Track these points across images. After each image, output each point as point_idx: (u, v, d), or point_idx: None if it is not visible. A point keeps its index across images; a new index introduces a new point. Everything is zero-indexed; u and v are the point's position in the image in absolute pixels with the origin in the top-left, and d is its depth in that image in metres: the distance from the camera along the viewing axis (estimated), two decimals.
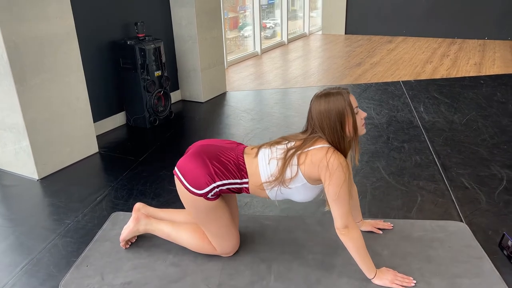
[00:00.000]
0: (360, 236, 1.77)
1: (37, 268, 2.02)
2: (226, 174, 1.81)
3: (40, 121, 2.86)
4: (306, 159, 1.73)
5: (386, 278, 1.82)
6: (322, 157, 1.69)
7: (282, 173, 1.76)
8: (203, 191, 1.81)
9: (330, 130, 1.73)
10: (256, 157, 1.84)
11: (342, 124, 1.72)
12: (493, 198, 2.52)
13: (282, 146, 1.82)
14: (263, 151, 1.85)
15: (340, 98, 1.72)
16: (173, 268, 1.99)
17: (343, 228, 1.75)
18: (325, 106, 1.73)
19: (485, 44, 7.61)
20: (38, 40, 2.77)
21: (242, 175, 1.83)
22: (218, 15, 4.61)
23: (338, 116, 1.71)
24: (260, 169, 1.81)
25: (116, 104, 3.88)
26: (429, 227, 2.24)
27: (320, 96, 1.76)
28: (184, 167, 1.85)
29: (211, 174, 1.80)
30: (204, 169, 1.81)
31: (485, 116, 3.92)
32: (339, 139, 1.74)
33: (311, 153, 1.73)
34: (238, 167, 1.83)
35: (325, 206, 1.83)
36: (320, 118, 1.74)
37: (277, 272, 1.94)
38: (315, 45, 8.10)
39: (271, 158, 1.81)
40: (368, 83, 5.19)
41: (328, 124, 1.73)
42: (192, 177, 1.81)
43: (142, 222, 2.09)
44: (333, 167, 1.67)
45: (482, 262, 1.96)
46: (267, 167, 1.81)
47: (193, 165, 1.83)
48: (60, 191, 2.75)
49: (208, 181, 1.80)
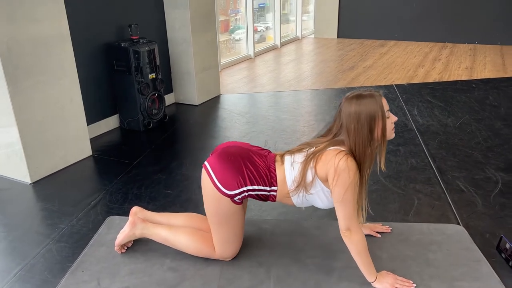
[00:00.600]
0: (363, 239, 1.76)
1: (31, 274, 1.98)
2: (258, 180, 1.80)
3: (33, 123, 2.82)
4: (319, 160, 1.72)
5: (387, 281, 1.82)
6: (332, 157, 1.68)
7: (303, 177, 1.75)
8: (232, 192, 1.79)
9: (356, 132, 1.69)
10: (283, 165, 1.83)
11: (371, 127, 1.69)
12: (489, 201, 2.53)
13: (303, 153, 1.81)
14: (287, 158, 1.85)
15: (372, 101, 1.69)
16: (171, 273, 1.96)
17: (345, 230, 1.74)
18: (356, 108, 1.68)
19: (476, 48, 7.71)
20: (31, 41, 2.73)
21: (272, 183, 1.81)
22: (212, 18, 4.60)
23: (368, 119, 1.68)
24: (287, 176, 1.81)
25: (109, 107, 3.84)
26: (426, 230, 2.24)
27: (351, 98, 1.72)
28: (217, 164, 1.82)
29: (243, 177, 1.78)
30: (238, 171, 1.79)
31: (478, 120, 3.95)
32: (364, 142, 1.70)
33: (325, 153, 1.72)
34: (269, 174, 1.82)
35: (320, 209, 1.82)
36: (349, 120, 1.70)
37: (276, 276, 1.92)
38: (308, 49, 8.13)
39: (293, 162, 1.80)
40: (362, 86, 5.21)
41: (355, 126, 1.68)
42: (224, 176, 1.79)
43: (139, 226, 2.05)
44: (340, 169, 1.66)
45: (481, 265, 1.96)
46: (292, 172, 1.80)
47: (227, 164, 1.81)
48: (54, 195, 2.70)
49: (239, 184, 1.78)
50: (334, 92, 5.02)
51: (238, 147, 1.92)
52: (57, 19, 2.87)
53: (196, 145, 3.52)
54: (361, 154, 1.71)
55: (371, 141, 1.71)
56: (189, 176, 2.93)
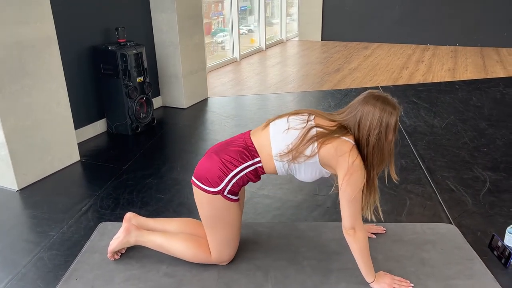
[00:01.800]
0: (366, 239, 1.77)
1: (23, 283, 1.92)
2: (237, 160, 1.78)
3: (20, 129, 2.75)
4: (330, 144, 1.70)
5: (384, 282, 1.83)
6: (346, 152, 1.68)
7: (300, 144, 1.72)
8: (219, 188, 1.78)
9: (371, 132, 1.70)
10: (266, 129, 1.82)
11: (387, 135, 1.72)
12: (479, 200, 2.58)
13: (303, 117, 1.80)
14: (275, 122, 1.83)
15: (395, 114, 1.71)
16: (167, 279, 1.93)
17: (349, 228, 1.75)
18: (379, 111, 1.70)
19: (457, 50, 7.87)
20: (18, 45, 2.66)
21: (253, 155, 1.79)
22: (199, 21, 4.58)
23: (386, 127, 1.70)
24: (272, 140, 1.78)
25: (96, 111, 3.78)
26: (420, 230, 2.27)
27: (377, 98, 1.73)
28: (198, 172, 1.84)
29: (223, 166, 1.77)
30: (215, 164, 1.79)
31: (464, 120, 4.03)
32: (377, 145, 1.72)
33: (338, 141, 1.71)
34: (247, 149, 1.80)
35: (316, 210, 1.82)
36: (367, 117, 1.70)
37: (274, 279, 1.92)
38: (293, 51, 8.17)
39: (290, 127, 1.77)
40: (348, 89, 5.26)
41: (373, 127, 1.70)
42: (206, 176, 1.79)
43: (133, 233, 2.02)
44: (354, 168, 1.66)
45: (474, 264, 1.99)
46: (283, 136, 1.77)
47: (204, 165, 1.82)
48: (42, 202, 2.64)
49: (220, 177, 1.77)
50: (321, 94, 5.05)
51: (216, 146, 1.91)
52: (44, 22, 2.81)
53: (186, 148, 3.49)
54: (374, 154, 1.73)
55: (384, 146, 1.73)
56: (181, 180, 2.90)
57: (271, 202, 2.60)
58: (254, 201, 2.62)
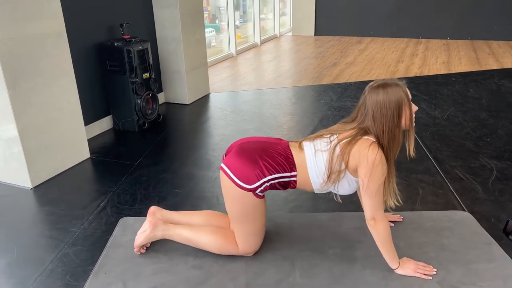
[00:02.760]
0: (387, 229, 1.82)
1: (52, 279, 1.94)
2: (276, 168, 1.82)
3: (33, 127, 2.74)
4: (352, 151, 1.75)
5: (409, 267, 1.89)
6: (365, 149, 1.73)
7: (334, 169, 1.79)
8: (253, 186, 1.80)
9: (384, 120, 1.74)
10: (302, 150, 1.86)
11: (399, 114, 1.74)
12: (488, 188, 2.66)
13: (325, 139, 1.85)
14: (306, 144, 1.88)
15: (398, 89, 1.74)
16: (195, 271, 1.96)
17: (370, 219, 1.80)
18: (383, 97, 1.73)
19: (448, 43, 8.00)
20: (30, 42, 2.65)
21: (292, 168, 1.84)
22: (200, 17, 4.58)
23: (397, 107, 1.73)
24: (307, 162, 1.83)
25: (102, 108, 3.77)
26: (436, 218, 2.33)
27: (377, 87, 1.77)
28: (233, 163, 1.84)
29: (261, 169, 1.80)
30: (254, 164, 1.81)
31: (464, 111, 4.12)
32: (393, 129, 1.75)
33: (358, 144, 1.75)
34: (287, 160, 1.83)
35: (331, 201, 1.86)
36: (376, 108, 1.74)
37: (301, 268, 1.96)
38: (287, 47, 8.21)
39: (317, 150, 1.83)
40: (348, 83, 5.32)
41: (384, 114, 1.73)
42: (242, 172, 1.80)
43: (160, 227, 2.04)
44: (375, 163, 1.71)
45: (492, 248, 2.06)
46: (314, 159, 1.83)
47: (243, 161, 1.82)
48: (59, 199, 2.64)
49: (258, 176, 1.80)
50: (321, 88, 5.10)
51: (250, 142, 1.94)
52: (54, 18, 2.80)
53: (194, 143, 3.51)
54: (390, 140, 1.77)
55: (399, 127, 1.77)
56: (195, 175, 2.93)
57: (287, 195, 2.64)
58: (271, 194, 2.65)
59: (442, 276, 1.87)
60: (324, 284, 1.86)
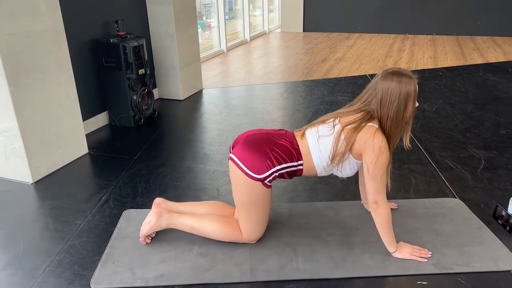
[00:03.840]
0: (388, 213, 1.92)
1: (61, 269, 1.98)
2: (285, 158, 1.89)
3: (33, 122, 2.77)
4: (358, 137, 1.83)
5: (406, 251, 1.99)
6: (370, 136, 1.81)
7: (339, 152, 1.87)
8: (263, 176, 1.87)
9: (391, 106, 1.82)
10: (305, 138, 1.95)
11: (406, 105, 1.84)
12: (477, 176, 2.77)
13: (329, 124, 1.92)
14: (309, 131, 1.96)
15: (411, 81, 1.82)
16: (201, 258, 2.03)
17: (372, 202, 1.89)
18: (396, 85, 1.80)
19: (434, 39, 8.16)
20: (29, 38, 2.67)
21: (298, 157, 1.92)
22: (193, 14, 4.62)
23: (405, 97, 1.82)
24: (311, 149, 1.92)
25: (98, 104, 3.80)
26: (429, 205, 2.44)
27: (392, 74, 1.83)
28: (242, 154, 1.90)
29: (270, 159, 1.87)
30: (264, 155, 1.88)
31: (452, 104, 4.25)
32: (397, 117, 1.84)
33: (363, 131, 1.83)
34: (294, 150, 1.92)
35: (329, 191, 1.95)
36: (386, 93, 1.82)
37: (303, 254, 2.05)
38: (277, 43, 8.28)
39: (320, 136, 1.91)
40: (338, 78, 5.42)
41: (392, 101, 1.81)
42: (252, 162, 1.87)
43: (165, 217, 2.10)
44: (380, 149, 1.80)
45: (482, 232, 2.18)
46: (317, 144, 1.91)
47: (252, 151, 1.89)
48: (60, 193, 2.67)
49: (268, 166, 1.87)
50: (313, 83, 5.19)
51: (257, 134, 2.02)
52: (52, 14, 2.82)
53: (191, 138, 3.56)
54: (392, 127, 1.86)
55: (403, 117, 1.86)
56: (193, 168, 2.99)
57: (285, 185, 2.72)
58: None
59: (436, 259, 1.98)
60: (325, 268, 1.94)
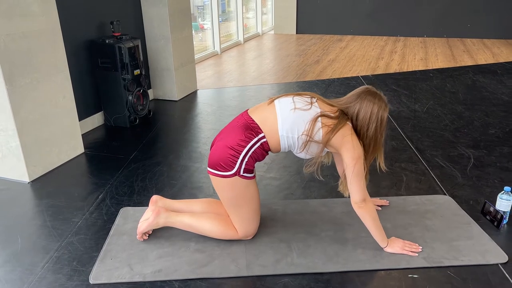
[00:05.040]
0: (374, 209, 1.98)
1: (60, 265, 2.01)
2: (243, 140, 1.92)
3: (30, 121, 2.79)
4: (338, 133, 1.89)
5: (397, 245, 2.04)
6: (348, 134, 1.90)
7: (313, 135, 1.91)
8: (235, 169, 1.92)
9: (367, 120, 1.94)
10: (272, 104, 1.98)
11: (376, 127, 1.95)
12: (466, 174, 2.85)
13: (306, 99, 1.98)
14: (280, 100, 1.99)
15: (386, 109, 1.97)
16: (198, 254, 2.07)
17: (361, 201, 1.94)
18: (378, 105, 1.94)
19: (425, 41, 8.28)
20: (26, 38, 2.70)
21: (257, 132, 1.94)
22: (188, 15, 4.67)
23: (380, 119, 1.95)
24: (278, 114, 1.94)
25: (93, 105, 3.83)
26: (420, 201, 2.50)
27: (375, 95, 1.97)
28: (211, 161, 1.98)
29: (232, 149, 1.92)
30: (224, 150, 1.93)
31: (442, 105, 4.33)
32: (368, 131, 1.95)
33: (343, 129, 1.91)
34: (250, 127, 1.94)
35: (322, 189, 2.01)
36: (367, 108, 1.93)
37: (297, 249, 2.10)
38: (270, 45, 8.34)
39: (297, 108, 1.93)
40: (331, 79, 5.49)
41: (370, 117, 1.93)
42: (219, 163, 1.93)
43: (162, 215, 2.14)
44: (355, 148, 1.89)
45: (471, 227, 2.24)
46: (290, 113, 1.93)
47: (215, 154, 1.96)
48: (57, 192, 2.70)
49: (233, 157, 1.91)
50: (306, 84, 5.25)
51: (219, 134, 2.06)
52: (48, 13, 2.85)
53: (186, 138, 3.60)
54: (365, 138, 1.97)
55: (374, 135, 1.97)
56: (189, 167, 3.03)
57: (280, 184, 2.77)
58: (264, 183, 2.78)
59: (427, 253, 2.04)
60: (319, 263, 1.99)
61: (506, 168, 2.91)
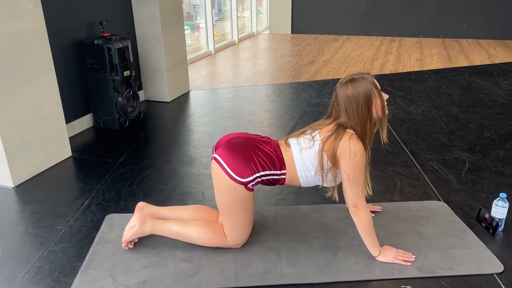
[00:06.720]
0: (369, 217, 1.91)
1: (41, 276, 1.94)
2: (269, 165, 1.88)
3: (14, 124, 2.71)
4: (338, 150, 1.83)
5: (390, 254, 1.98)
6: (345, 142, 1.82)
7: (324, 169, 1.88)
8: (246, 180, 1.85)
9: (356, 113, 1.84)
10: (289, 147, 1.93)
11: (369, 106, 1.85)
12: (461, 179, 2.79)
13: (308, 136, 1.92)
14: (292, 141, 1.94)
15: (365, 82, 1.84)
16: (185, 264, 2.00)
17: (352, 206, 1.89)
18: (352, 91, 1.83)
19: (421, 41, 8.23)
20: (8, 38, 2.62)
21: (281, 166, 1.91)
22: (180, 14, 4.59)
23: (365, 99, 1.83)
24: (295, 159, 1.90)
25: (82, 107, 3.75)
26: (414, 207, 2.45)
27: (346, 83, 1.87)
28: (228, 156, 1.88)
29: (255, 164, 1.85)
30: (249, 159, 1.86)
31: (437, 106, 4.28)
32: (365, 122, 1.86)
33: (342, 141, 1.83)
34: (278, 159, 1.90)
35: (314, 194, 1.95)
36: (347, 103, 1.85)
37: (287, 258, 2.03)
38: (265, 45, 8.28)
39: (302, 148, 1.90)
40: (325, 80, 5.43)
41: (355, 108, 1.84)
42: (237, 165, 1.85)
43: (148, 223, 2.07)
44: (357, 154, 1.80)
45: (466, 235, 2.19)
46: (300, 156, 1.90)
47: (237, 154, 1.87)
48: (42, 198, 2.62)
49: (252, 170, 1.85)
50: (300, 85, 5.19)
51: (242, 137, 2.00)
52: (34, 14, 2.77)
53: (177, 140, 3.53)
54: (363, 132, 1.88)
55: (370, 118, 1.87)
56: (179, 171, 2.95)
57: (271, 189, 2.70)
58: (255, 188, 2.71)
59: (420, 262, 1.98)
60: (309, 272, 1.93)
61: (501, 172, 2.86)
